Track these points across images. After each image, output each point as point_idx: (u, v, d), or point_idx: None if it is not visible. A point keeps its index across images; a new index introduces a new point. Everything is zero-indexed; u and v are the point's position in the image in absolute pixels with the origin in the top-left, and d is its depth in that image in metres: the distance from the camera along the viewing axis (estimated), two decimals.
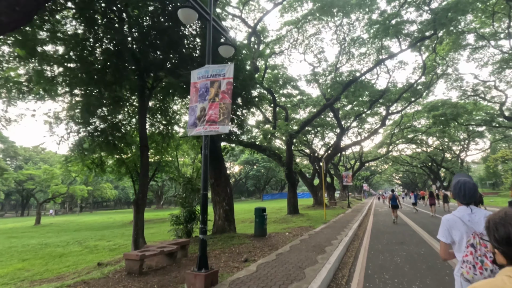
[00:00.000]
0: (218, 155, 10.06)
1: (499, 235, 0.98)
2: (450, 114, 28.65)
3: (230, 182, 10.35)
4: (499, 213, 1.03)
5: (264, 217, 9.03)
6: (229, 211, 9.80)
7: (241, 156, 60.77)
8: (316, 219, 14.52)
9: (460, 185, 2.00)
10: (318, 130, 31.90)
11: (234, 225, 9.89)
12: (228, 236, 8.72)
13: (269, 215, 19.99)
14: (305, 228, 11.48)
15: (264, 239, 8.47)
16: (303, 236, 9.14)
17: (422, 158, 52.66)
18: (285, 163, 16.72)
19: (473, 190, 1.97)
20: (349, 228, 10.85)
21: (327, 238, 8.48)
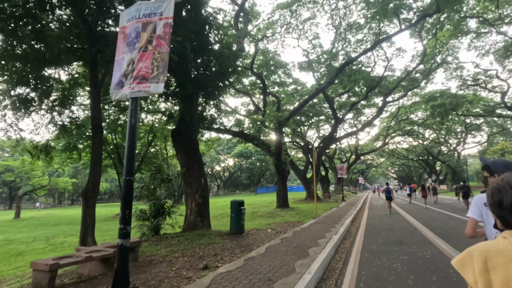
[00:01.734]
0: (191, 139, 8.71)
1: (493, 200, 1.03)
2: (449, 104, 27.48)
3: (204, 171, 9.02)
4: (497, 180, 1.05)
5: (241, 211, 7.74)
6: (202, 204, 8.49)
7: (235, 149, 59.40)
8: (306, 214, 13.30)
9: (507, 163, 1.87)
10: (312, 121, 30.60)
11: (209, 221, 8.60)
12: (198, 234, 7.42)
13: (258, 208, 18.78)
14: (292, 224, 10.25)
15: (239, 238, 7.19)
16: (287, 233, 7.88)
17: (419, 151, 51.81)
18: (274, 153, 15.41)
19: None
20: (341, 224, 9.62)
21: (313, 236, 7.22)
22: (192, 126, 8.69)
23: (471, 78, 28.09)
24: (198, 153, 9.00)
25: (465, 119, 41.33)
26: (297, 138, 30.48)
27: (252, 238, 7.17)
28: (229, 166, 74.26)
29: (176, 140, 8.82)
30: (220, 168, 75.41)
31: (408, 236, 7.82)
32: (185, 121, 8.61)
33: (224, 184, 75.26)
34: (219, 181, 78.02)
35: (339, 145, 44.55)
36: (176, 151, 8.88)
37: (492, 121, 42.17)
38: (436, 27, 19.81)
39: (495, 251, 0.92)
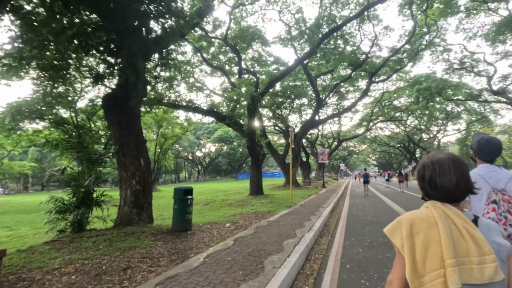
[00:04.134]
0: (128, 108, 6.61)
1: (419, 174, 1.15)
2: (435, 88, 26.47)
3: (146, 150, 7.01)
4: (424, 157, 1.17)
5: (187, 202, 5.85)
6: (141, 192, 6.53)
7: (215, 133, 57.05)
8: (280, 202, 11.64)
9: (484, 140, 1.89)
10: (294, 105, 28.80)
11: (149, 214, 6.67)
12: (127, 232, 5.50)
13: (230, 196, 17.01)
14: (261, 215, 8.53)
15: (180, 238, 5.33)
16: (248, 229, 6.11)
17: (400, 138, 51.64)
18: (246, 133, 13.51)
19: (498, 146, 1.88)
20: (318, 216, 7.97)
21: (280, 235, 5.48)
22: (131, 90, 6.59)
23: (457, 61, 27.09)
24: (138, 127, 6.94)
25: (446, 107, 41.09)
26: (278, 121, 28.68)
27: (197, 238, 5.33)
28: (210, 151, 72.00)
29: (107, 108, 6.71)
30: (201, 154, 73.07)
31: None
32: (126, 83, 6.53)
33: (204, 169, 73.08)
34: (199, 167, 75.77)
35: (321, 130, 43.33)
36: (108, 123, 6.81)
37: (472, 109, 42.15)
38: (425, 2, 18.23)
39: (419, 218, 1.05)
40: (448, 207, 1.05)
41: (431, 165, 1.10)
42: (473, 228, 0.99)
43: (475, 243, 0.96)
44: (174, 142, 35.21)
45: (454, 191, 1.05)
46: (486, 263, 0.93)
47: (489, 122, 43.32)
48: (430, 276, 0.97)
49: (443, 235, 0.97)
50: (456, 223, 1.00)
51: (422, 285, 0.98)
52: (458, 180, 1.05)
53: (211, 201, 14.79)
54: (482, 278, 0.92)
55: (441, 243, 0.97)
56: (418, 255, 1.00)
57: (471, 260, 0.95)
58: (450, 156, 1.10)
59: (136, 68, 6.06)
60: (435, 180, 1.07)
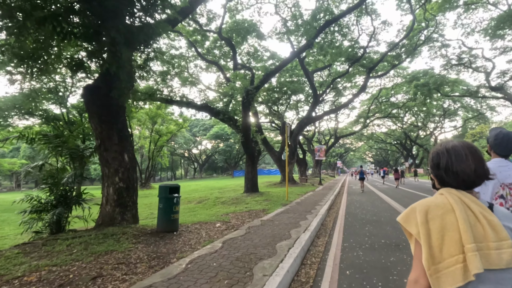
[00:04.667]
0: (111, 99, 6.12)
1: (433, 162, 1.12)
2: (433, 84, 26.14)
3: (131, 145, 6.52)
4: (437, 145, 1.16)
5: (173, 201, 5.40)
6: (124, 190, 6.06)
7: (211, 130, 56.45)
8: (276, 200, 11.23)
9: (502, 135, 1.89)
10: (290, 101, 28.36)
11: (134, 213, 6.20)
12: (107, 233, 5.04)
13: (225, 193, 16.57)
14: (255, 213, 8.12)
15: (164, 240, 4.88)
16: (239, 229, 5.68)
17: (397, 135, 51.49)
18: (240, 129, 13.05)
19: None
20: (315, 214, 7.57)
21: (273, 236, 5.06)
22: (115, 81, 6.09)
23: (456, 57, 26.79)
24: (122, 120, 6.45)
25: (443, 104, 40.97)
26: (274, 117, 28.24)
27: (183, 240, 4.89)
28: (206, 148, 71.43)
29: (88, 100, 6.22)
30: (198, 151, 72.50)
31: (404, 234, 5.86)
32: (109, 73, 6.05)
33: (200, 167, 72.51)
34: (195, 164, 75.20)
35: (318, 127, 42.99)
36: (89, 116, 6.32)
37: (469, 106, 42.08)
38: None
39: (434, 205, 1.03)
40: (463, 194, 1.04)
41: (447, 153, 1.09)
42: (490, 214, 0.99)
43: (492, 228, 0.96)
44: (169, 139, 34.68)
45: (473, 176, 1.04)
46: (504, 248, 0.93)
47: (486, 119, 43.24)
48: (448, 262, 0.95)
49: (461, 220, 0.96)
50: (472, 209, 1.00)
51: (438, 272, 0.96)
52: (476, 165, 1.04)
53: (204, 199, 14.35)
54: (500, 263, 0.92)
55: (459, 228, 0.96)
56: (435, 241, 0.98)
57: (489, 245, 0.94)
58: (465, 144, 1.10)
59: (118, 57, 5.58)
60: (453, 167, 1.06)
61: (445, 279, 0.94)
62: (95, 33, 5.42)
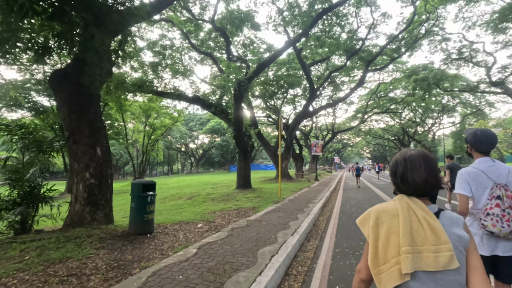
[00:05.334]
0: (82, 87, 5.52)
1: (392, 170, 1.18)
2: (433, 78, 25.58)
3: (106, 137, 5.92)
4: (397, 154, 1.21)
5: (147, 199, 4.85)
6: (96, 187, 5.49)
7: (207, 124, 55.72)
8: (268, 197, 10.71)
9: (480, 132, 1.91)
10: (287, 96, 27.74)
11: (107, 212, 5.64)
12: (69, 236, 4.49)
13: (218, 189, 16.02)
14: (243, 212, 7.60)
15: (135, 243, 4.34)
16: (221, 232, 5.14)
17: (395, 130, 51.05)
18: (233, 122, 12.46)
19: (494, 136, 1.88)
20: (307, 213, 7.05)
21: (257, 240, 4.52)
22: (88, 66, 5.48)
23: (456, 51, 26.21)
24: (94, 109, 5.85)
25: (442, 99, 40.53)
26: (270, 111, 27.65)
27: (155, 245, 4.35)
28: (203, 143, 70.81)
29: (56, 86, 5.61)
30: (195, 146, 71.90)
31: None
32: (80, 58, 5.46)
33: (197, 162, 71.93)
34: (192, 159, 74.64)
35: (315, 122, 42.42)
36: (57, 105, 5.73)
37: (468, 102, 41.69)
38: None
39: (385, 210, 1.11)
40: (413, 200, 1.09)
41: (403, 161, 1.13)
42: (433, 219, 1.03)
43: (433, 232, 1.00)
44: (163, 132, 33.97)
45: (423, 186, 1.08)
46: (442, 252, 0.97)
47: (484, 115, 42.87)
48: (389, 263, 1.01)
49: (401, 224, 1.02)
50: (417, 214, 1.04)
51: (381, 273, 1.03)
52: (427, 175, 1.08)
53: (195, 195, 13.82)
54: (437, 265, 0.96)
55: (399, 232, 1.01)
56: (381, 244, 1.04)
57: (428, 248, 0.98)
58: (421, 153, 1.14)
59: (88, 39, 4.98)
60: (407, 175, 1.10)
61: (386, 279, 1.01)
62: (60, 11, 4.79)
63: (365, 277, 1.13)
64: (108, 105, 21.48)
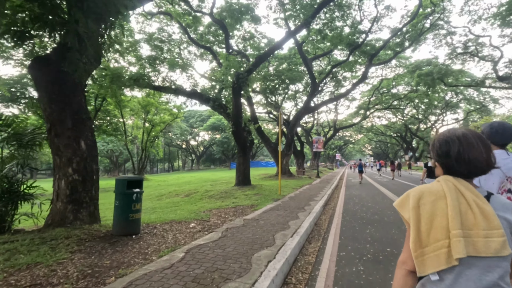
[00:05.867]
0: (65, 75, 5.08)
1: (441, 150, 1.08)
2: (437, 73, 24.99)
3: (91, 130, 5.48)
4: (444, 132, 1.13)
5: (133, 197, 4.42)
6: (80, 184, 5.07)
7: (208, 121, 55.25)
8: (267, 194, 10.28)
9: (497, 124, 1.86)
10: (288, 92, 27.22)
11: (92, 211, 5.21)
12: (46, 237, 4.06)
13: (217, 186, 15.61)
14: (241, 210, 7.18)
15: (116, 246, 3.91)
16: (214, 232, 4.70)
17: (398, 127, 50.47)
18: (231, 117, 12.01)
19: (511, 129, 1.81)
20: (308, 212, 6.61)
21: (253, 242, 4.09)
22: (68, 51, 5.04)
23: (461, 45, 25.57)
24: (78, 100, 5.40)
25: (445, 95, 39.96)
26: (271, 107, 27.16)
27: (139, 248, 3.92)
28: (204, 140, 70.47)
29: (37, 74, 5.17)
30: (196, 143, 71.59)
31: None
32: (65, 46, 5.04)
33: (197, 158, 71.60)
34: (193, 156, 74.33)
35: (317, 119, 41.87)
36: (38, 94, 5.29)
37: (471, 98, 41.06)
38: None
39: (428, 191, 1.04)
40: (460, 181, 1.03)
41: (457, 140, 1.05)
42: (484, 203, 0.97)
43: (484, 216, 0.95)
44: (162, 129, 33.56)
45: (484, 164, 1.01)
46: (493, 237, 0.92)
47: (488, 112, 42.24)
48: (433, 246, 0.97)
49: (450, 207, 0.97)
50: (466, 197, 0.99)
51: (424, 255, 0.98)
52: (487, 153, 1.02)
53: (193, 192, 13.42)
54: (487, 251, 0.91)
55: (448, 214, 0.97)
56: (423, 225, 1.00)
57: (478, 233, 0.93)
58: (473, 131, 1.08)
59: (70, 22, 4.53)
60: (464, 154, 1.02)
61: (430, 262, 0.96)
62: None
63: (413, 268, 1.03)
64: (106, 101, 21.06)
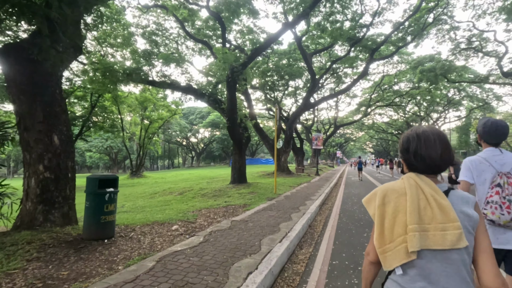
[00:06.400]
0: (37, 64, 4.65)
1: (403, 146, 1.14)
2: (440, 69, 24.44)
3: (66, 124, 5.05)
4: (408, 130, 1.18)
5: (105, 197, 4.00)
6: (53, 182, 4.65)
7: (207, 118, 54.80)
8: (262, 193, 9.87)
9: (490, 123, 1.89)
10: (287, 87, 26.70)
11: (67, 211, 4.80)
12: (6, 242, 3.65)
13: (212, 184, 15.19)
14: (232, 209, 6.78)
15: (82, 253, 3.49)
16: (196, 236, 4.28)
17: (399, 124, 49.89)
18: (226, 113, 11.56)
19: (504, 128, 1.85)
20: (303, 212, 6.19)
21: (236, 248, 3.66)
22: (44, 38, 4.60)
23: (465, 40, 24.97)
24: (51, 91, 4.96)
25: (448, 92, 39.39)
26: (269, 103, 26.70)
27: (108, 254, 3.50)
28: (204, 137, 70.11)
29: (4, 62, 4.73)
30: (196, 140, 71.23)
31: None
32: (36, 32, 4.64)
33: (197, 155, 71.26)
34: (193, 153, 73.99)
35: (317, 116, 41.35)
36: (6, 85, 4.86)
37: (474, 96, 40.47)
38: None
39: (392, 189, 1.08)
40: (422, 178, 1.06)
41: (416, 137, 1.10)
42: (442, 197, 1.01)
43: (442, 210, 0.98)
44: (161, 125, 33.12)
45: (439, 161, 1.05)
46: (450, 230, 0.95)
47: (491, 109, 41.63)
48: (396, 241, 1.00)
49: (409, 203, 1.01)
50: (425, 192, 1.02)
51: (386, 251, 1.02)
52: (443, 151, 1.06)
53: (187, 190, 13.02)
54: (444, 243, 0.95)
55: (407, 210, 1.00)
56: (387, 222, 1.04)
57: (436, 226, 0.96)
58: (433, 129, 1.12)
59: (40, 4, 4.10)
60: (421, 151, 1.07)
61: (392, 257, 1.01)
62: None
63: (374, 259, 1.11)
64: (103, 97, 20.70)
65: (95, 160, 61.58)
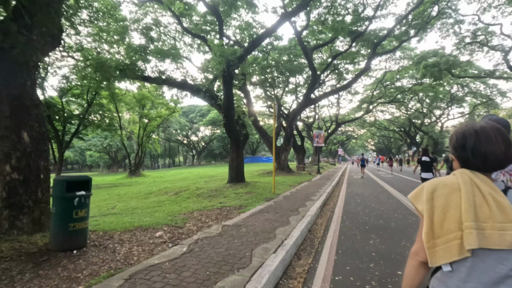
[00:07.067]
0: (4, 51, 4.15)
1: (458, 143, 1.07)
2: (444, 64, 23.80)
3: (39, 119, 4.55)
4: (461, 125, 1.11)
5: (74, 202, 3.49)
6: (21, 185, 4.16)
7: (207, 116, 54.25)
8: (260, 192, 9.35)
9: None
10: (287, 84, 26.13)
11: (38, 217, 4.30)
12: None
13: (210, 183, 14.68)
14: (226, 212, 6.28)
15: (40, 269, 2.99)
16: (179, 245, 3.77)
17: (401, 122, 49.23)
18: (223, 109, 11.04)
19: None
20: (302, 215, 5.67)
21: (223, 261, 3.15)
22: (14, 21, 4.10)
23: (470, 34, 24.30)
24: (21, 83, 4.44)
25: (451, 89, 38.75)
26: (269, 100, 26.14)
27: (72, 270, 2.99)
28: (205, 135, 69.69)
29: None
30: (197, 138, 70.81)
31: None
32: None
33: (198, 154, 70.81)
34: (194, 151, 73.56)
35: (319, 113, 40.76)
36: None
37: (478, 92, 39.80)
38: None
39: (443, 184, 1.04)
40: (477, 175, 1.02)
41: (474, 134, 1.03)
42: (501, 196, 0.96)
43: (500, 209, 0.94)
44: (159, 123, 32.65)
45: (503, 159, 1.00)
46: (509, 230, 0.91)
47: (495, 105, 40.89)
48: (446, 237, 0.97)
49: (464, 199, 0.97)
50: (481, 190, 0.98)
51: (436, 246, 0.99)
52: (506, 147, 1.00)
53: (184, 190, 12.52)
54: (502, 243, 0.91)
55: (462, 207, 0.96)
56: (436, 217, 1.00)
57: (493, 225, 0.93)
58: (493, 125, 1.06)
59: None
60: (481, 148, 1.00)
61: (441, 253, 0.97)
62: None
63: (425, 259, 1.02)
64: (99, 95, 20.22)
65: (95, 159, 61.29)
